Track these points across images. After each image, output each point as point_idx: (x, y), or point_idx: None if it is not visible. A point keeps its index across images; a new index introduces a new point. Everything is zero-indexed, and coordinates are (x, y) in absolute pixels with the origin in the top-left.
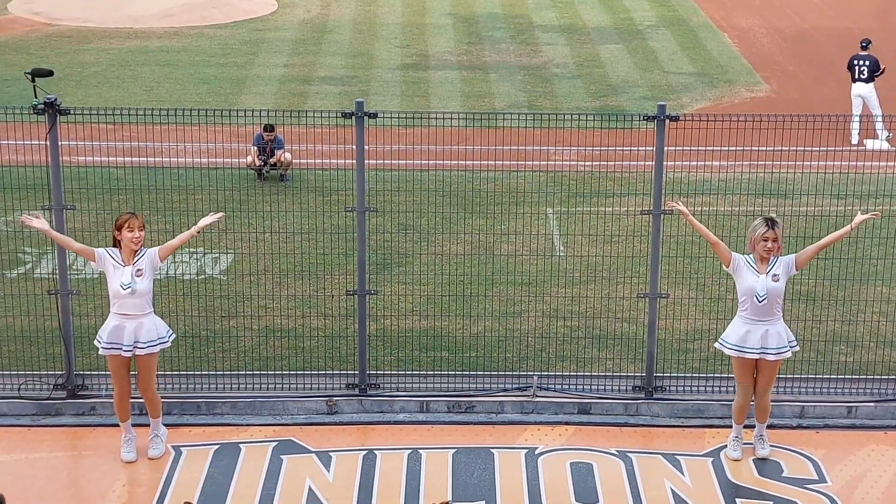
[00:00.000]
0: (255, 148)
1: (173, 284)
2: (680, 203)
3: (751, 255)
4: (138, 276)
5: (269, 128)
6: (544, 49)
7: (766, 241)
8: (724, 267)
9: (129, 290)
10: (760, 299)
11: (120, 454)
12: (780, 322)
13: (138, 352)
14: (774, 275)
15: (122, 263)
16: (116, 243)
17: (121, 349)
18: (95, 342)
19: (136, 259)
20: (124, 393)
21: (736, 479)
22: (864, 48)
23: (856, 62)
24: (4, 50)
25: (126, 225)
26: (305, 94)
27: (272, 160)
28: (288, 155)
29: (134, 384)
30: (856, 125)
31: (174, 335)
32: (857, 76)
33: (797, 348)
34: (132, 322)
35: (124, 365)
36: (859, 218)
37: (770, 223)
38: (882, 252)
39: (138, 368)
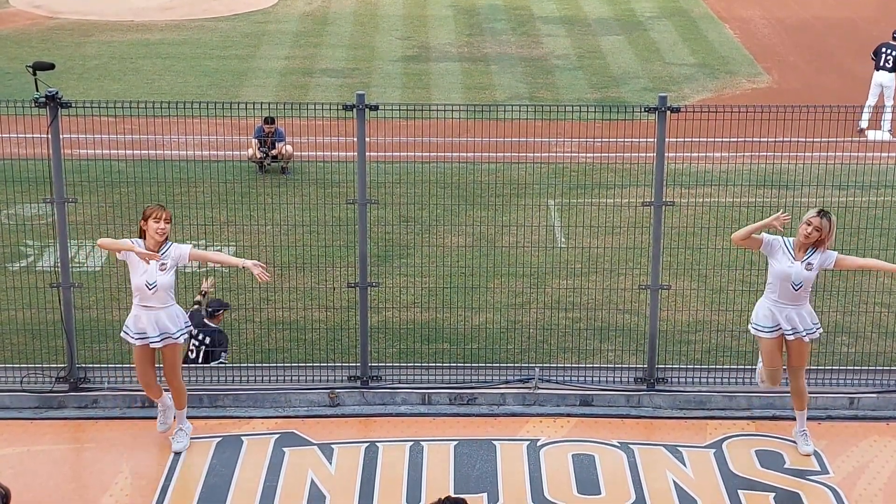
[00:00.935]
0: (256, 140)
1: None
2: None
3: (789, 239)
4: (161, 270)
5: (270, 120)
6: (545, 40)
7: (808, 225)
8: (761, 258)
9: (154, 289)
10: (796, 287)
11: (119, 448)
12: (807, 305)
13: (170, 342)
14: (808, 263)
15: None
16: (143, 234)
17: (147, 339)
18: (123, 334)
19: (163, 252)
20: (151, 382)
21: (738, 470)
22: (895, 38)
23: (884, 49)
24: (6, 43)
25: (153, 216)
26: (307, 86)
27: (273, 153)
28: (289, 147)
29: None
30: (867, 111)
31: (192, 328)
32: (881, 64)
33: (821, 330)
34: (156, 313)
35: (150, 357)
36: None
37: (821, 213)
38: (884, 243)
39: (165, 358)
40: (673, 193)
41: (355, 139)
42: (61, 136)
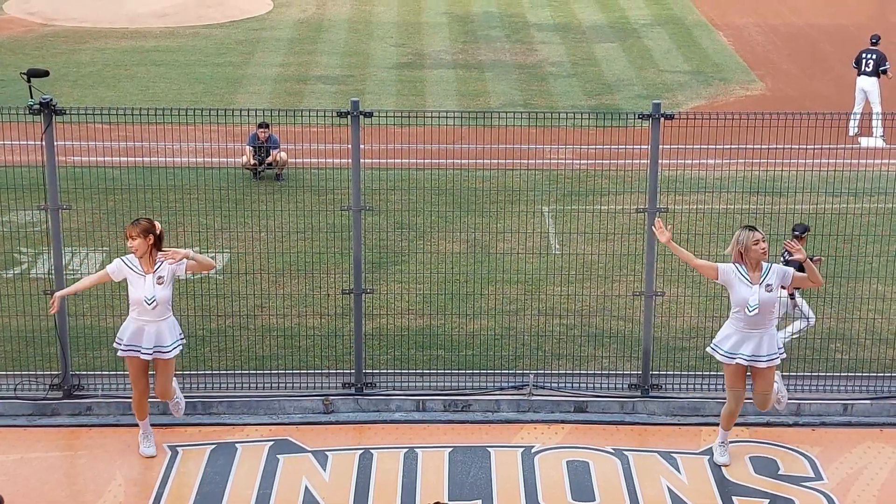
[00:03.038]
0: (251, 148)
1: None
2: (664, 230)
3: (741, 266)
4: (159, 284)
5: (265, 125)
6: (540, 48)
7: (757, 243)
8: (714, 281)
9: (153, 304)
10: (751, 310)
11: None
12: (772, 329)
13: (164, 356)
14: (767, 285)
15: (142, 272)
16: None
17: (140, 352)
18: (115, 344)
19: (156, 267)
20: (143, 394)
21: (732, 476)
22: (873, 43)
23: (864, 55)
24: (0, 50)
25: (126, 235)
26: (301, 93)
27: (269, 160)
28: (283, 154)
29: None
30: (855, 118)
31: (185, 340)
32: (862, 69)
33: (784, 355)
34: (152, 326)
35: (143, 368)
36: None
37: (751, 227)
38: (877, 249)
39: (158, 372)
40: (667, 200)
41: (350, 146)
42: (56, 143)
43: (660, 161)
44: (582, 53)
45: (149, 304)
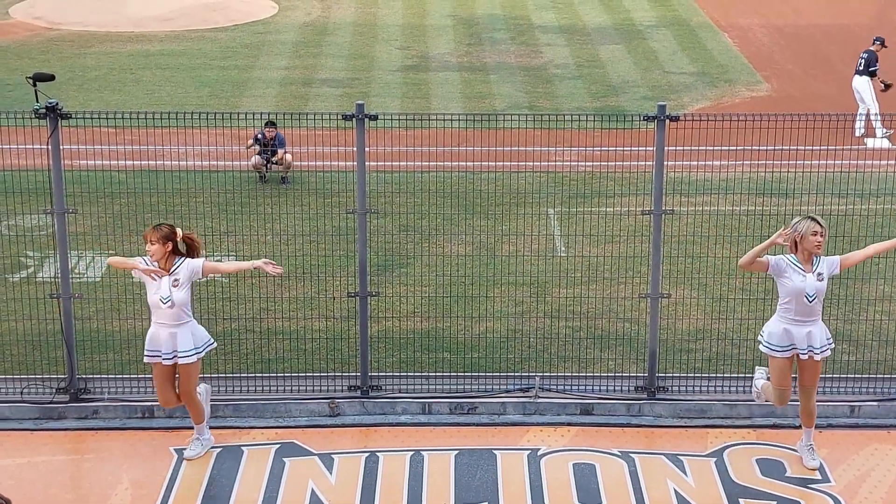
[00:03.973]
0: (257, 146)
1: None
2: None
3: (791, 256)
4: (175, 287)
5: (271, 124)
6: (544, 50)
7: (816, 234)
8: (763, 273)
9: (168, 303)
10: (810, 299)
11: (121, 457)
12: (820, 321)
13: (180, 361)
14: (819, 273)
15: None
16: None
17: (160, 356)
18: (145, 352)
19: (173, 269)
20: (169, 401)
21: (739, 479)
22: (873, 43)
23: (860, 55)
24: (6, 54)
25: (145, 239)
26: (306, 96)
27: (275, 158)
28: (289, 156)
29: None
30: (860, 118)
31: (214, 343)
32: (855, 68)
33: (833, 345)
34: (169, 330)
35: (167, 375)
36: None
37: (813, 219)
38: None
39: (180, 377)
40: (672, 202)
41: (355, 149)
42: (61, 147)
43: (665, 163)
44: (587, 55)
45: (164, 303)
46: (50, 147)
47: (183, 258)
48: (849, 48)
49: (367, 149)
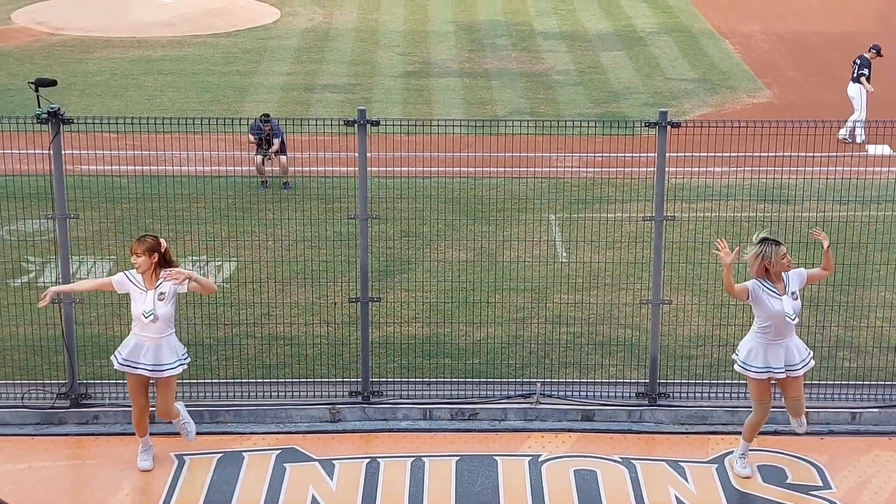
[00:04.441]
0: (254, 137)
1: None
2: (727, 249)
3: (763, 280)
4: (160, 301)
5: (266, 118)
6: (546, 56)
7: (784, 256)
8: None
9: (151, 317)
10: (792, 319)
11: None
12: (795, 335)
13: (162, 374)
14: (793, 292)
15: (143, 288)
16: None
17: (137, 368)
18: (112, 358)
19: (158, 283)
20: (142, 412)
21: (740, 485)
22: (868, 50)
23: (853, 61)
24: (8, 60)
25: (131, 251)
26: (308, 101)
27: (272, 150)
28: (284, 158)
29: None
30: (860, 126)
31: (188, 359)
32: (852, 75)
33: (813, 362)
34: (152, 343)
35: (141, 384)
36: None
37: (769, 240)
38: (885, 257)
39: (158, 391)
40: (674, 208)
41: (357, 154)
42: (63, 152)
43: (666, 169)
44: (588, 61)
45: (146, 318)
46: (52, 152)
47: (168, 270)
48: (850, 55)
49: (368, 154)
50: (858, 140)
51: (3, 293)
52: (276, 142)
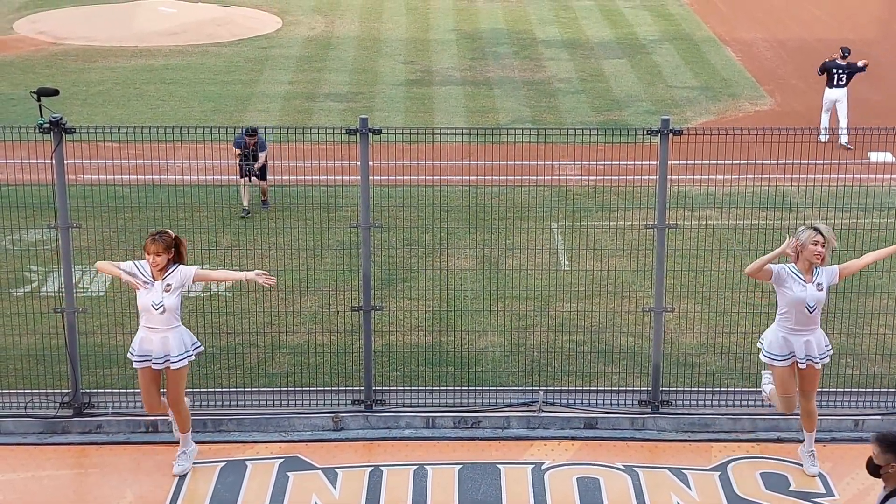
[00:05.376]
0: (238, 151)
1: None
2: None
3: (793, 265)
4: (166, 292)
5: (252, 132)
6: (548, 64)
7: (816, 244)
8: (765, 282)
9: (160, 309)
10: (811, 310)
11: (124, 471)
12: (819, 329)
13: (172, 366)
14: (819, 284)
15: (151, 280)
16: None
17: (150, 361)
18: (129, 355)
19: (166, 275)
20: (154, 405)
21: (743, 493)
22: (843, 56)
23: (835, 71)
24: (10, 69)
25: (147, 250)
26: (310, 110)
27: (257, 165)
28: (264, 183)
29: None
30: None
31: (202, 347)
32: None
33: (832, 352)
34: (160, 335)
35: (154, 380)
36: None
37: (816, 229)
38: (888, 265)
39: (168, 382)
40: (676, 216)
41: (359, 163)
42: (65, 162)
43: (669, 177)
44: (590, 69)
45: (156, 309)
46: (54, 161)
47: (176, 264)
48: (852, 61)
49: (370, 163)
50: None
51: (6, 303)
52: (262, 156)
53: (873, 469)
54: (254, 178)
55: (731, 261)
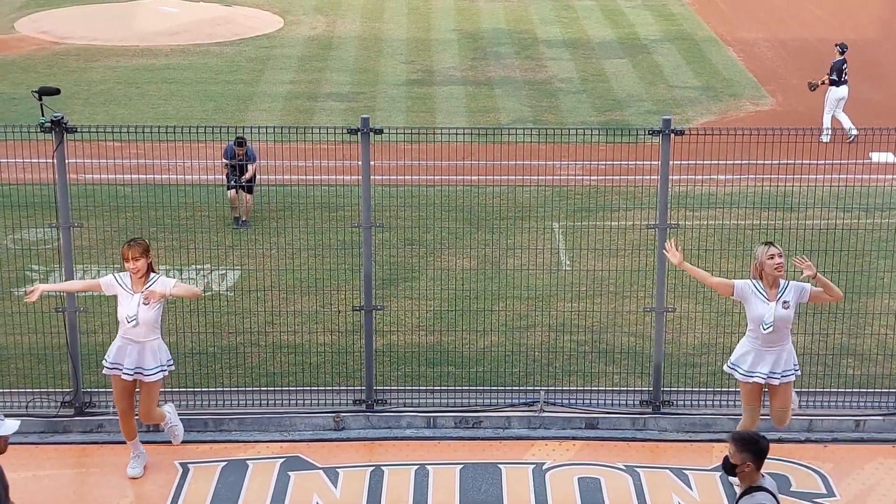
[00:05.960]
0: (227, 162)
1: (180, 301)
2: (675, 251)
3: (758, 282)
4: (145, 304)
5: (241, 142)
6: (549, 64)
7: (772, 258)
8: (730, 298)
9: (134, 322)
10: (766, 328)
11: (126, 470)
12: (788, 346)
13: (145, 378)
14: (784, 301)
15: (131, 291)
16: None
17: (121, 370)
18: (103, 361)
19: (146, 287)
20: (126, 415)
21: None
22: (841, 52)
23: (844, 67)
24: (12, 68)
25: (123, 256)
26: (311, 110)
27: (246, 176)
28: (250, 198)
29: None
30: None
31: (173, 366)
32: (843, 78)
33: (799, 373)
34: (135, 346)
35: (125, 389)
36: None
37: (770, 243)
38: (889, 265)
39: (141, 395)
40: (677, 216)
41: (360, 163)
42: (67, 161)
43: (670, 177)
44: (591, 69)
45: (129, 322)
46: (55, 161)
47: (157, 275)
48: (855, 63)
49: (371, 163)
50: (826, 139)
51: (7, 302)
52: (251, 167)
53: (729, 468)
54: (241, 191)
55: (732, 261)
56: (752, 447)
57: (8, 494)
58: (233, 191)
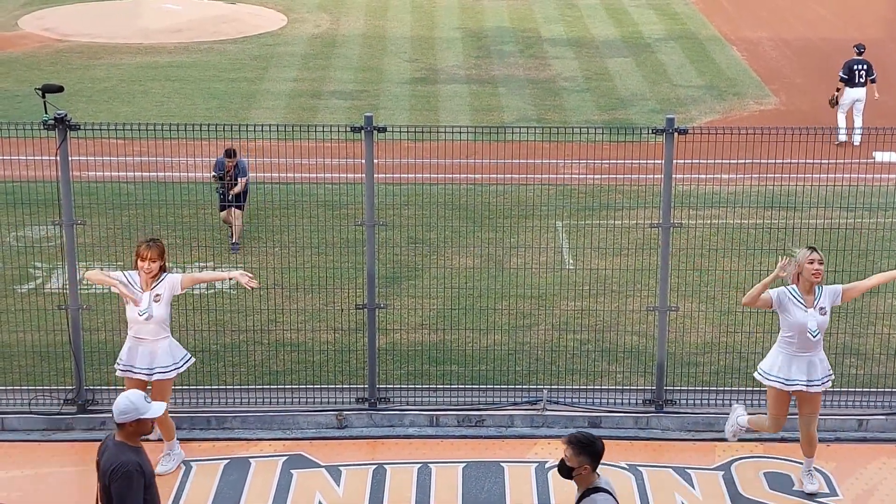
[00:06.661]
0: (216, 175)
1: (184, 299)
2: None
3: (793, 287)
4: (156, 302)
5: (231, 153)
6: (553, 63)
7: (812, 263)
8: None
9: (146, 316)
10: (814, 336)
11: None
12: (822, 352)
13: (156, 377)
14: (822, 308)
15: (140, 289)
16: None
17: (132, 371)
18: (116, 364)
19: (154, 284)
20: None
21: (746, 492)
22: (859, 53)
23: (856, 67)
24: (15, 66)
25: (140, 255)
26: (315, 108)
27: (235, 190)
28: (241, 214)
29: None
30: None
31: (192, 359)
32: (857, 80)
33: (833, 377)
34: (147, 346)
35: (140, 389)
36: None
37: (812, 248)
38: (892, 264)
39: (153, 393)
40: (681, 215)
41: (363, 161)
42: (70, 159)
43: (673, 176)
44: (595, 68)
45: (142, 316)
46: (59, 158)
47: (165, 273)
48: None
49: (375, 161)
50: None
51: (10, 299)
52: (242, 181)
53: (566, 472)
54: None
55: (735, 260)
56: (590, 449)
57: (154, 480)
58: (224, 212)
